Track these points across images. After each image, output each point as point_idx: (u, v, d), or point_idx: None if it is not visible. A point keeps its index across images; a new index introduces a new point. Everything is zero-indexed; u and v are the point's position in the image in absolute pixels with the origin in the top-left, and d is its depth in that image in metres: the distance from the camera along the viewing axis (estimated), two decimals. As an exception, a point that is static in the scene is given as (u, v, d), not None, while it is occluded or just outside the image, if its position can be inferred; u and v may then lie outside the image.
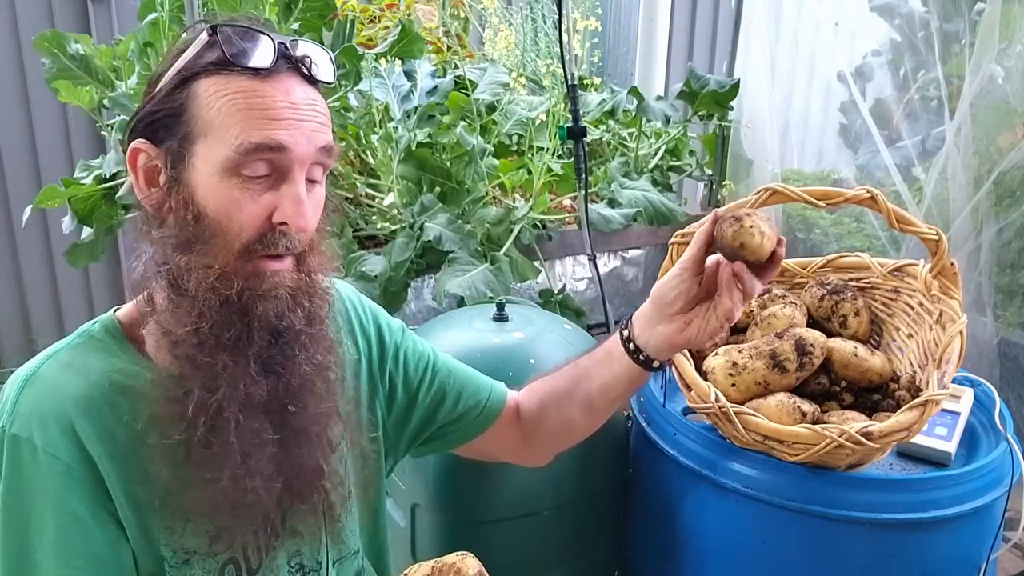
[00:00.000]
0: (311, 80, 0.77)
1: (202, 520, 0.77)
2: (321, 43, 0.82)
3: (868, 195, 1.01)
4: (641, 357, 0.94)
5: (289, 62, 0.75)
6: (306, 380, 0.80)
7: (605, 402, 1.00)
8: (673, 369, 1.12)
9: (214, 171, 0.72)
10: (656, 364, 0.94)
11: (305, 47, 0.77)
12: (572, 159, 1.86)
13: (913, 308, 1.19)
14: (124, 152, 0.80)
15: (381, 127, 1.86)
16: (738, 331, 1.26)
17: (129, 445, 0.75)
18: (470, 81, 2.00)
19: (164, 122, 0.75)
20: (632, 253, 2.12)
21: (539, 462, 1.10)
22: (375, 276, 1.63)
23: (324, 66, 0.79)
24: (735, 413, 1.01)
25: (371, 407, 0.99)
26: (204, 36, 0.75)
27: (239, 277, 0.74)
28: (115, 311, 0.84)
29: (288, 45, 0.76)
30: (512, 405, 1.08)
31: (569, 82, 1.76)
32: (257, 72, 0.73)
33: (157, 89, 0.76)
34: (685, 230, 1.12)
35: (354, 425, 0.93)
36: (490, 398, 1.06)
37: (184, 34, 0.79)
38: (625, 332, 0.96)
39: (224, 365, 0.75)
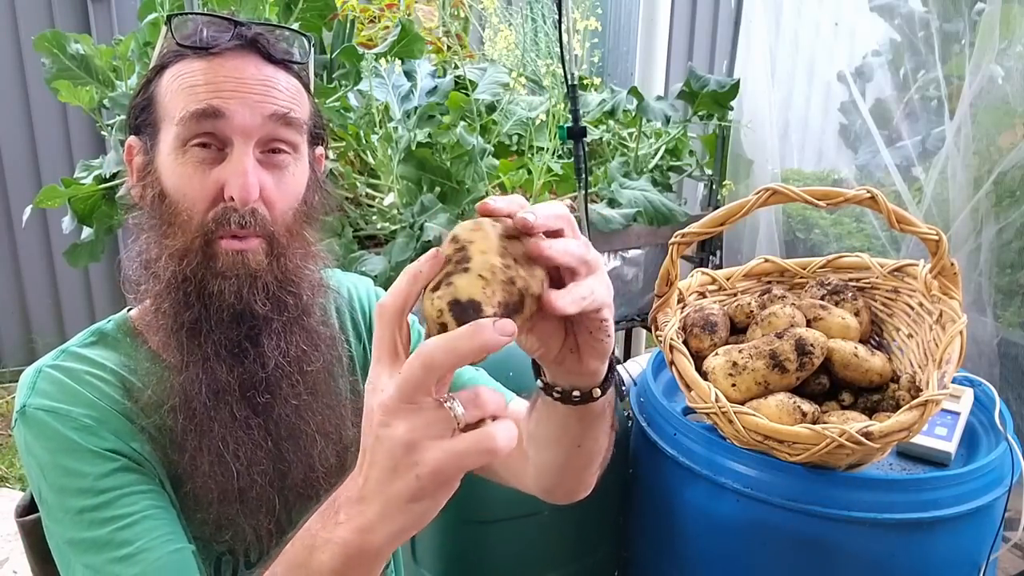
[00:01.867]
0: (271, 59, 0.78)
1: (205, 507, 0.78)
2: (297, 30, 0.83)
3: (868, 195, 1.01)
4: (570, 395, 0.66)
5: (242, 41, 0.76)
6: (280, 371, 0.79)
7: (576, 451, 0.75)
8: (673, 369, 1.12)
9: (169, 151, 0.75)
10: (576, 394, 0.66)
11: (264, 28, 0.78)
12: (572, 159, 1.86)
13: (913, 308, 1.19)
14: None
15: (381, 127, 1.85)
16: (738, 331, 1.26)
17: (135, 431, 0.76)
18: (470, 81, 2.00)
19: (140, 115, 0.79)
20: (632, 253, 2.11)
21: (558, 499, 0.88)
22: (375, 276, 1.63)
23: (286, 46, 0.79)
24: (735, 413, 1.01)
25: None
26: (165, 27, 0.78)
27: (196, 256, 0.75)
28: (128, 310, 0.86)
29: (244, 26, 0.77)
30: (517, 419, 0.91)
31: (569, 82, 1.76)
32: (206, 52, 0.75)
33: (137, 86, 0.80)
34: (685, 230, 1.12)
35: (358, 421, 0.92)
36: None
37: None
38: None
39: (188, 348, 0.76)
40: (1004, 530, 1.08)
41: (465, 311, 0.48)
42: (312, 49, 0.84)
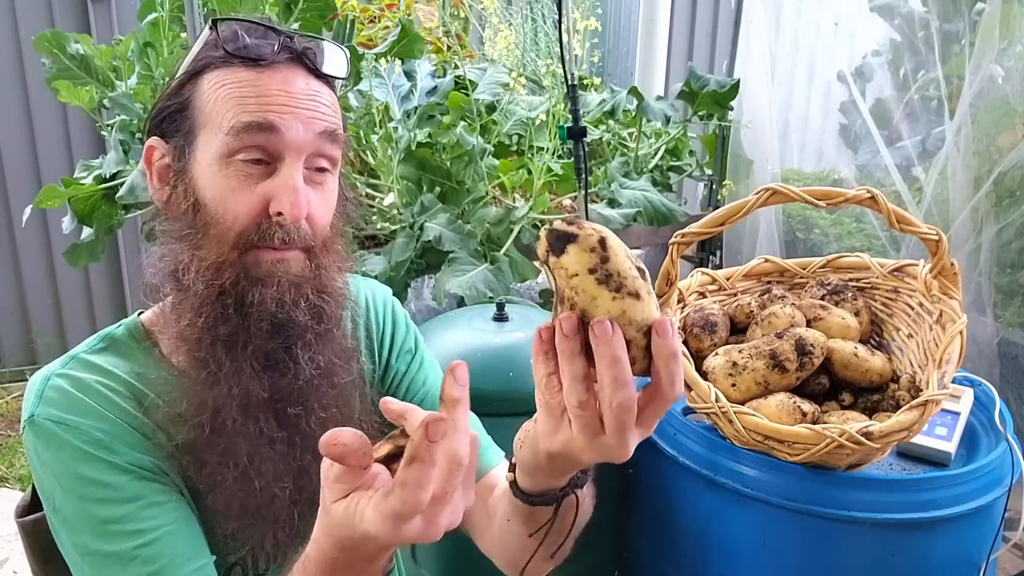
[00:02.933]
0: (316, 73, 0.77)
1: (223, 521, 0.77)
2: (337, 44, 0.81)
3: (868, 195, 1.01)
4: (517, 484, 0.69)
5: (291, 54, 0.75)
6: (311, 382, 0.78)
7: (515, 539, 0.77)
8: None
9: (212, 160, 0.73)
10: (527, 493, 0.69)
11: (309, 41, 0.77)
12: (572, 159, 1.86)
13: (913, 308, 1.19)
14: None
15: (381, 127, 1.86)
16: (738, 331, 1.26)
17: (149, 446, 0.75)
18: (470, 81, 2.00)
19: (172, 118, 0.76)
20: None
21: (508, 570, 0.84)
22: (375, 276, 1.63)
23: (332, 60, 0.79)
24: (735, 413, 1.01)
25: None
26: (207, 31, 0.76)
27: (235, 267, 0.73)
28: (139, 314, 0.84)
29: (291, 38, 0.76)
30: (495, 481, 0.87)
31: (569, 82, 1.76)
32: (256, 63, 0.74)
33: (165, 88, 0.78)
34: (685, 230, 1.12)
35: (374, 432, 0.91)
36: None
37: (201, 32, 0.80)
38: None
39: (221, 363, 0.74)
40: (1004, 530, 1.08)
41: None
42: (349, 62, 0.83)
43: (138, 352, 0.80)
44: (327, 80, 0.78)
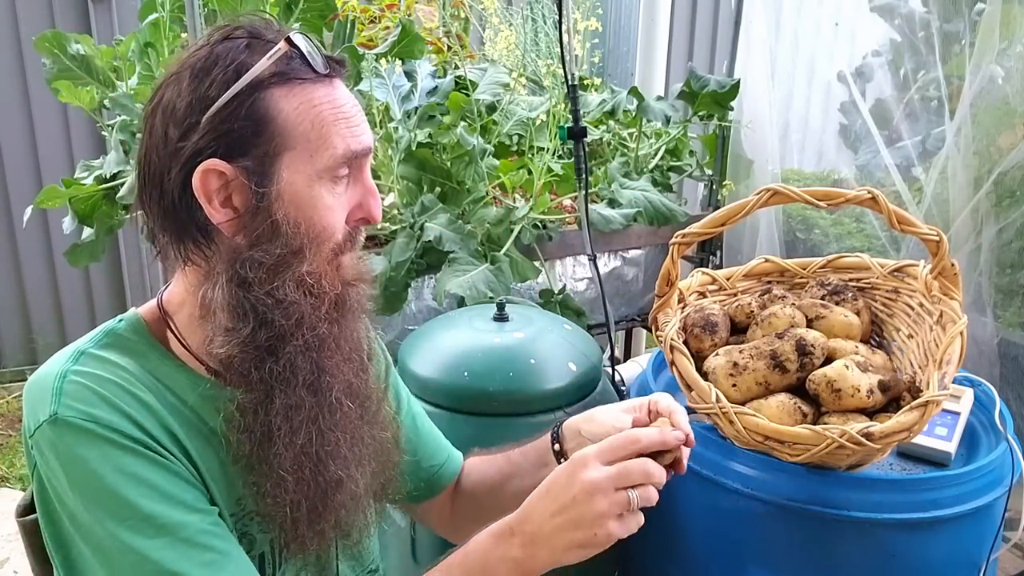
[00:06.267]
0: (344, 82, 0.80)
1: (250, 514, 0.80)
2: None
3: (868, 195, 1.01)
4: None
5: (339, 65, 0.77)
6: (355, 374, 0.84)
7: None
8: (673, 369, 1.12)
9: (308, 181, 0.74)
10: None
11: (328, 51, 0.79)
12: (572, 159, 1.86)
13: (913, 309, 1.19)
14: (178, 169, 0.72)
15: (381, 127, 1.86)
16: (739, 331, 1.26)
17: (177, 441, 0.75)
18: (470, 81, 2.00)
19: (242, 139, 0.71)
20: (632, 253, 2.12)
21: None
22: (375, 276, 1.63)
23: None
24: (736, 413, 1.01)
25: None
26: (277, 46, 0.73)
27: (333, 276, 0.78)
28: (136, 309, 0.83)
29: (321, 48, 0.78)
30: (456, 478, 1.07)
31: (569, 82, 1.76)
32: (325, 78, 0.75)
33: (218, 107, 0.70)
34: (686, 231, 1.12)
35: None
36: (444, 465, 1.05)
37: (223, 44, 0.73)
38: (557, 444, 0.96)
39: (326, 368, 0.78)
40: (1004, 530, 1.08)
41: None
42: None
43: (145, 348, 0.78)
44: None
